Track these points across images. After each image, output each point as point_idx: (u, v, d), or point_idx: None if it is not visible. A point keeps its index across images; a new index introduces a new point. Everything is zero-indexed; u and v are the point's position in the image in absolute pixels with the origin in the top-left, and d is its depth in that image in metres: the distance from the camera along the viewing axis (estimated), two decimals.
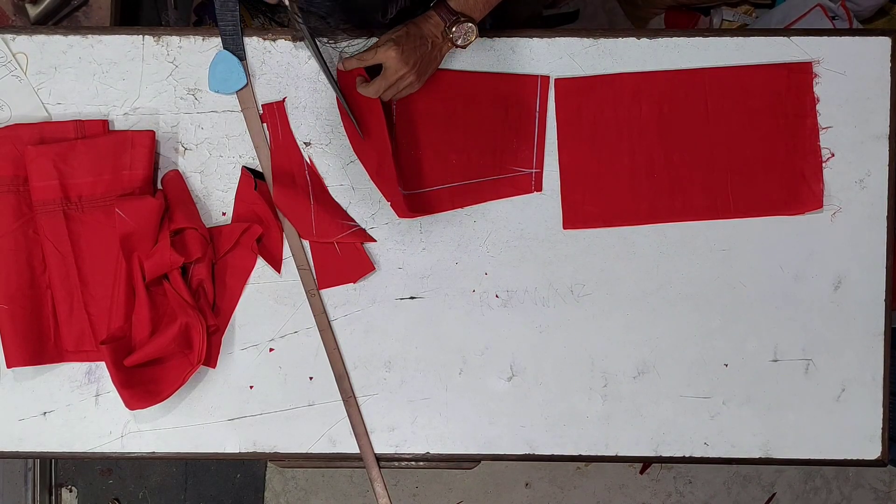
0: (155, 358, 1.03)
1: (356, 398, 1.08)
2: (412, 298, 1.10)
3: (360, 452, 1.08)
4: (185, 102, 1.08)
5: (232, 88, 1.07)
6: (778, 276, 1.11)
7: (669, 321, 1.10)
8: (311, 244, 1.08)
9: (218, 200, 1.08)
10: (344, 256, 1.08)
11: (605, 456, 1.10)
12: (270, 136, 1.08)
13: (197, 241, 1.03)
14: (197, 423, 1.07)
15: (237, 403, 1.08)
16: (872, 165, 1.11)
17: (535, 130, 1.10)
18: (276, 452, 1.08)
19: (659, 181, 1.10)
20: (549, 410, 1.10)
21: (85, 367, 1.07)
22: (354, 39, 1.02)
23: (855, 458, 1.11)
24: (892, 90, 1.11)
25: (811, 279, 1.11)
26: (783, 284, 1.11)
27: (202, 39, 1.08)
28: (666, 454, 1.10)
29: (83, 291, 1.04)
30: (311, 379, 1.08)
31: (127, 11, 1.46)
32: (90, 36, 1.08)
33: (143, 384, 1.02)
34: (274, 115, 1.08)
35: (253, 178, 1.07)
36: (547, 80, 1.10)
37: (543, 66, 1.10)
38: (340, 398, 1.08)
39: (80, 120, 1.05)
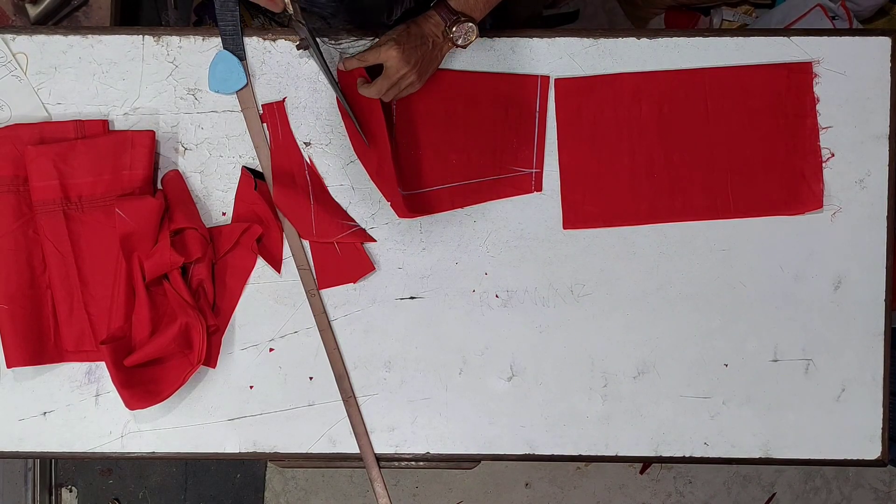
0: (155, 358, 1.03)
1: (356, 398, 1.08)
2: (412, 298, 1.10)
3: (360, 452, 1.08)
4: (185, 102, 1.08)
5: (232, 88, 1.07)
6: (778, 276, 1.11)
7: (669, 321, 1.10)
8: (311, 244, 1.08)
9: (218, 200, 1.08)
10: (344, 256, 1.08)
11: (605, 456, 1.10)
12: (270, 136, 1.08)
13: (197, 241, 1.03)
14: (197, 423, 1.07)
15: (237, 403, 1.08)
16: (872, 165, 1.11)
17: (535, 130, 1.10)
18: (276, 452, 1.08)
19: (659, 181, 1.10)
20: (549, 410, 1.10)
21: (85, 367, 1.07)
22: (358, 41, 1.02)
23: (855, 458, 1.11)
24: (892, 90, 1.11)
25: (811, 279, 1.11)
26: (783, 284, 1.11)
27: (202, 39, 1.08)
28: (666, 454, 1.10)
29: (83, 291, 1.04)
30: (311, 379, 1.08)
31: (127, 11, 1.46)
32: (90, 36, 1.08)
33: (143, 384, 1.02)
34: (274, 115, 1.08)
35: (253, 178, 1.07)
36: (547, 80, 1.10)
37: (543, 66, 1.10)
38: (340, 398, 1.08)
39: (80, 120, 1.05)
